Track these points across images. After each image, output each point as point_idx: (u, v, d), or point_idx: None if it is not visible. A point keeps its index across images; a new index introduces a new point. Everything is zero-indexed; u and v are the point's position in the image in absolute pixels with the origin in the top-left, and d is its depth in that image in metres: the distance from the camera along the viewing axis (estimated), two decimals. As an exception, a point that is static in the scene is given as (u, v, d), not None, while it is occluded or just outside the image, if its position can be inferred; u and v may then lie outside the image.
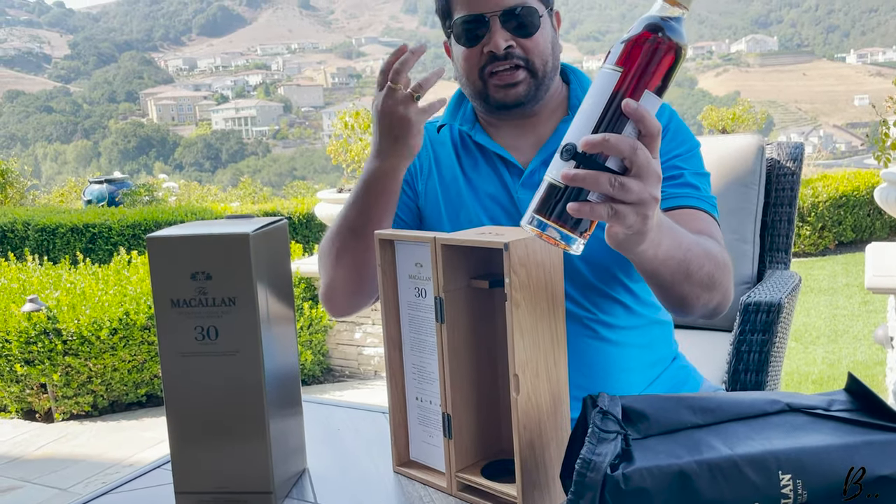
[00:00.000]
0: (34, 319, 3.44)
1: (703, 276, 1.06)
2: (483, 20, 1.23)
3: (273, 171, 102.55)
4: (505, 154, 1.30)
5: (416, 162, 1.38)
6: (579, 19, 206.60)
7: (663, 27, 0.79)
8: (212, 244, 1.05)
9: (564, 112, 1.33)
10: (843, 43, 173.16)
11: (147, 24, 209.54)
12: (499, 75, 1.24)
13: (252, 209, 7.23)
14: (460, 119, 1.36)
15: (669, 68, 0.80)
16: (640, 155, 0.77)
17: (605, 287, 1.27)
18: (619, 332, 1.28)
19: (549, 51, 1.27)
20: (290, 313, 1.17)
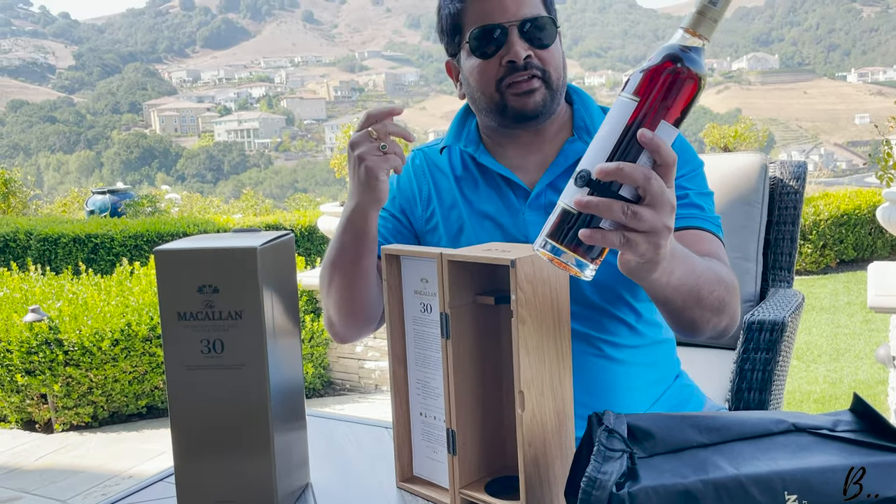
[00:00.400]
0: (36, 329, 3.44)
1: (713, 300, 1.06)
2: (501, 30, 1.23)
3: (275, 183, 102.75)
4: (511, 176, 1.30)
5: (415, 189, 1.38)
6: (581, 35, 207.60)
7: (682, 58, 0.79)
8: (219, 258, 1.05)
9: (569, 132, 1.32)
10: (843, 62, 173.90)
11: (151, 35, 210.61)
12: (517, 85, 1.23)
13: (254, 221, 7.24)
14: (464, 140, 1.35)
15: (687, 99, 0.80)
16: (654, 184, 0.77)
17: (609, 307, 1.27)
18: (623, 351, 1.28)
19: (561, 64, 1.28)
20: (296, 327, 1.18)
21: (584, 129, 1.30)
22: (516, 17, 1.23)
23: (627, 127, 0.79)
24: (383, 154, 1.15)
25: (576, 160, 1.27)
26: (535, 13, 1.24)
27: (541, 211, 1.27)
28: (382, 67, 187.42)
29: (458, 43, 1.30)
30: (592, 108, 1.35)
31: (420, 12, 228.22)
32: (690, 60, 0.80)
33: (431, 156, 1.40)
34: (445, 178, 1.36)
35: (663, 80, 0.79)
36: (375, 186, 1.16)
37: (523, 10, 1.23)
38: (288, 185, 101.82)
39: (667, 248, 0.84)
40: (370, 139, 1.16)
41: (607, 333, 1.27)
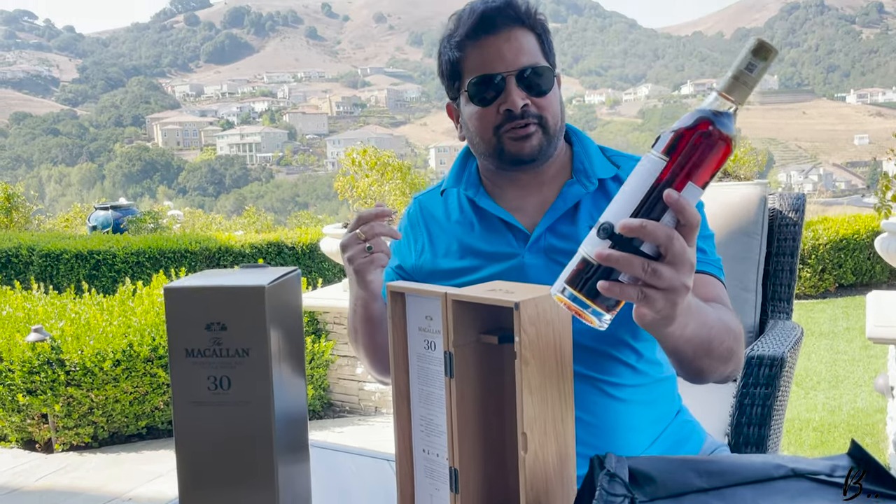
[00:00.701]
0: (38, 349, 3.45)
1: (722, 350, 1.08)
2: (500, 79, 1.26)
3: (276, 197, 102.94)
4: (510, 219, 1.32)
5: (410, 241, 1.43)
6: (582, 54, 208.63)
7: (714, 121, 0.81)
8: (228, 296, 1.07)
9: (568, 175, 1.35)
10: (843, 83, 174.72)
11: (156, 50, 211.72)
12: (513, 130, 1.26)
13: (256, 239, 7.26)
14: (464, 183, 1.39)
15: (717, 163, 0.82)
16: (675, 244, 0.79)
17: (610, 349, 1.29)
18: (624, 391, 1.30)
19: (559, 110, 1.31)
20: (301, 363, 1.19)
21: (582, 172, 1.33)
22: (514, 66, 1.26)
23: (654, 185, 0.80)
24: (370, 255, 1.25)
25: (574, 203, 1.30)
26: (533, 62, 1.27)
27: (540, 254, 1.29)
28: (384, 83, 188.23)
29: (457, 88, 1.33)
30: (591, 151, 1.37)
31: (422, 30, 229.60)
32: (722, 124, 0.81)
33: (427, 204, 1.44)
34: (440, 226, 1.40)
35: (694, 142, 0.80)
36: (366, 285, 1.28)
37: (521, 60, 1.26)
38: (289, 199, 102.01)
39: (683, 305, 0.86)
40: (358, 241, 1.25)
41: (608, 374, 1.29)
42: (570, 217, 1.30)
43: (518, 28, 1.27)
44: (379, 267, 1.28)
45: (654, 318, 0.86)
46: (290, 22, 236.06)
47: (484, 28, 1.27)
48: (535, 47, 1.28)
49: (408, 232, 1.45)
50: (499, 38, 1.26)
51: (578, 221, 1.29)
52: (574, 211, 1.30)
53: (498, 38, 1.26)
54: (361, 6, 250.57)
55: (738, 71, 0.82)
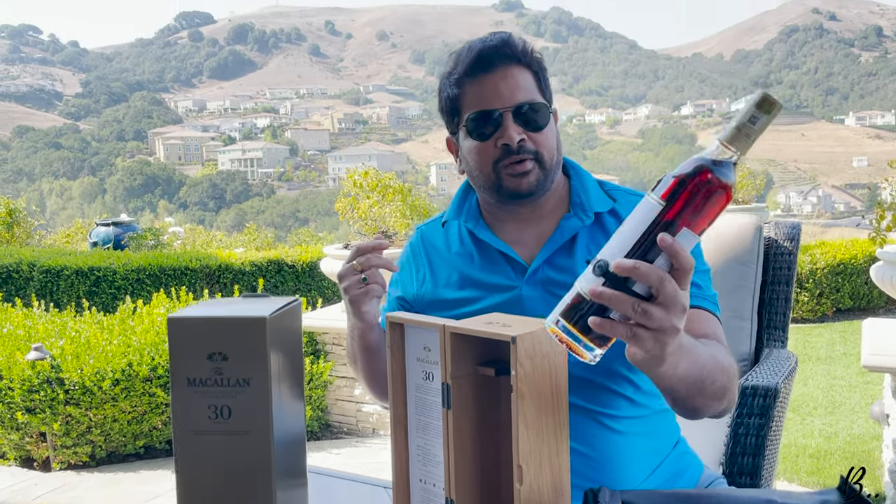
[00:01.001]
0: (38, 368, 3.46)
1: (716, 389, 1.10)
2: (497, 115, 1.29)
3: (276, 213, 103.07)
4: (509, 251, 1.35)
5: (412, 270, 1.47)
6: (582, 74, 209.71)
7: (713, 170, 0.82)
8: (230, 326, 1.10)
9: (566, 209, 1.38)
10: (842, 105, 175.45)
11: (159, 65, 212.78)
12: (511, 166, 1.30)
13: (256, 256, 7.28)
14: (465, 215, 1.42)
15: (714, 211, 0.84)
16: (667, 287, 0.81)
17: (608, 382, 1.31)
18: (621, 422, 1.31)
19: (555, 145, 1.34)
20: (300, 392, 1.22)
21: (579, 206, 1.36)
22: (510, 102, 1.30)
23: (651, 228, 0.83)
24: (364, 286, 1.30)
25: (571, 236, 1.34)
26: (529, 98, 1.31)
27: (538, 286, 1.32)
28: (386, 101, 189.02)
29: (456, 123, 1.37)
30: (589, 185, 1.41)
31: (424, 48, 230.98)
32: (721, 174, 0.83)
33: (429, 235, 1.48)
34: (440, 257, 1.44)
35: (693, 189, 0.82)
36: (361, 316, 1.34)
37: (517, 96, 1.30)
38: (289, 215, 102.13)
39: (673, 346, 0.88)
40: (354, 272, 1.31)
41: (606, 406, 1.31)
42: (567, 250, 1.33)
43: (514, 66, 1.31)
44: (374, 298, 1.33)
45: (644, 357, 0.89)
46: (294, 39, 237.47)
47: (481, 66, 1.31)
48: (531, 84, 1.32)
49: (410, 262, 1.48)
50: (496, 75, 1.30)
51: (575, 254, 1.32)
52: (571, 244, 1.33)
53: (495, 76, 1.30)
54: (364, 24, 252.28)
55: (741, 122, 0.84)
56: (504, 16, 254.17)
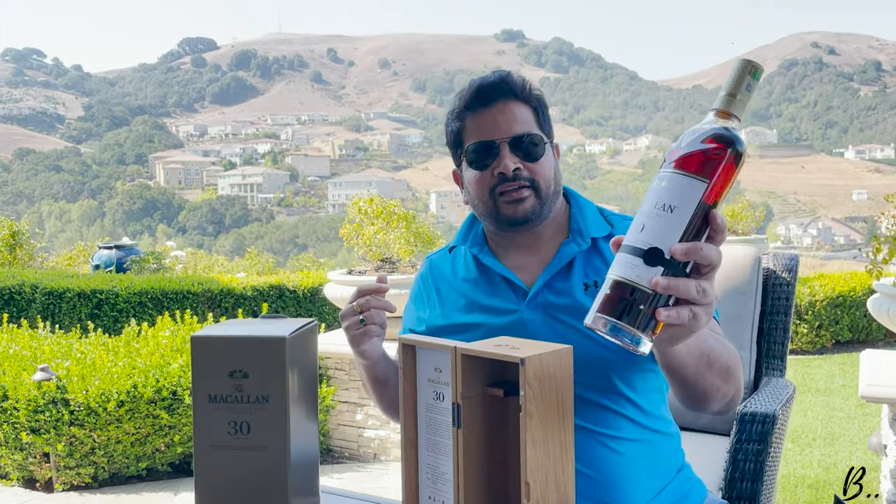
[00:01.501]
0: (44, 388, 3.49)
1: (721, 365, 1.14)
2: (494, 146, 1.38)
3: (275, 238, 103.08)
4: (511, 276, 1.42)
5: (423, 297, 1.55)
6: (583, 105, 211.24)
7: (735, 140, 0.86)
8: (251, 345, 1.14)
9: (565, 234, 1.45)
10: (841, 138, 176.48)
11: (161, 90, 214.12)
12: (508, 193, 1.38)
13: (258, 281, 7.32)
14: (470, 241, 1.50)
15: (735, 177, 0.87)
16: (718, 260, 0.85)
17: (610, 403, 1.35)
18: (625, 445, 1.36)
19: (552, 175, 1.42)
20: (315, 411, 1.26)
21: (577, 232, 1.44)
22: (507, 133, 1.38)
23: (699, 206, 0.84)
24: (363, 327, 1.38)
25: (569, 260, 1.41)
26: (526, 130, 1.39)
27: (539, 310, 1.39)
28: (387, 128, 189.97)
29: (460, 155, 1.46)
30: (588, 212, 1.48)
31: (426, 76, 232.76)
32: (741, 142, 0.87)
33: (437, 263, 1.57)
34: (447, 283, 1.51)
35: (725, 162, 0.85)
36: (360, 354, 1.42)
37: (514, 128, 1.38)
38: (288, 241, 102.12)
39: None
40: (353, 313, 1.39)
41: (610, 428, 1.35)
42: (565, 273, 1.40)
43: (512, 101, 1.40)
44: (373, 338, 1.41)
45: (690, 334, 0.90)
46: (296, 66, 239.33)
47: (481, 101, 1.41)
48: (529, 118, 1.41)
49: (421, 291, 1.57)
50: (494, 109, 1.40)
51: (572, 277, 1.39)
52: (569, 268, 1.40)
53: (493, 109, 1.40)
54: (367, 52, 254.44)
55: (735, 91, 0.89)
56: (505, 45, 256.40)
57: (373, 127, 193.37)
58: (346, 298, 4.09)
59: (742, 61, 0.91)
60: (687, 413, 2.32)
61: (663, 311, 0.84)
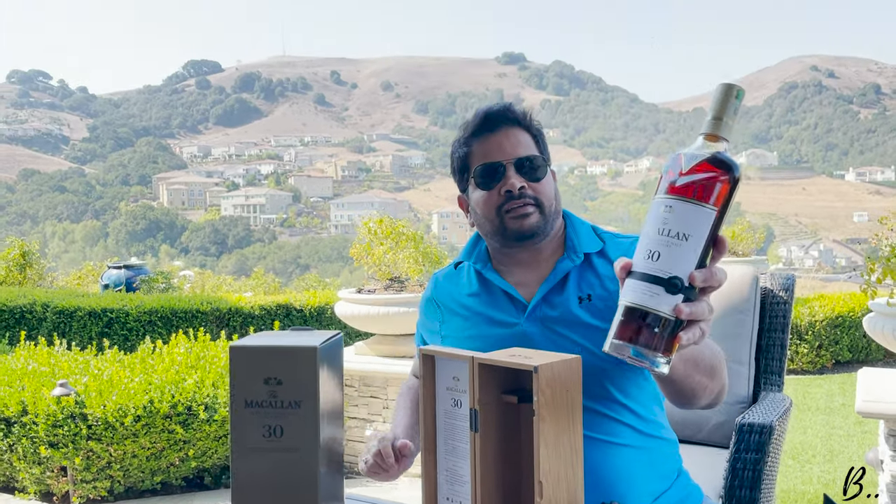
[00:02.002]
0: (63, 403, 3.58)
1: (706, 364, 1.26)
2: (500, 167, 1.50)
3: (278, 259, 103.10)
4: (512, 291, 1.53)
5: (431, 313, 1.67)
6: (584, 127, 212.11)
7: (733, 167, 0.92)
8: (285, 354, 1.24)
9: (562, 252, 1.56)
10: (842, 161, 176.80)
11: (166, 112, 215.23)
12: (514, 210, 1.49)
13: (265, 300, 7.42)
14: (475, 257, 1.61)
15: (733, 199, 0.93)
16: (723, 279, 0.94)
17: (610, 412, 1.46)
18: (625, 450, 1.45)
19: (553, 195, 1.54)
20: (341, 416, 1.36)
21: (571, 248, 1.54)
22: (512, 155, 1.51)
23: (710, 233, 0.90)
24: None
25: (564, 275, 1.51)
26: (529, 153, 1.52)
27: (537, 322, 1.50)
28: (390, 149, 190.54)
29: (466, 179, 1.57)
30: (581, 230, 1.58)
31: (428, 98, 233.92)
32: (737, 167, 0.92)
33: (444, 280, 1.67)
34: (453, 298, 1.62)
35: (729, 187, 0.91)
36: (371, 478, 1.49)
37: (518, 151, 1.51)
38: (291, 261, 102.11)
39: None
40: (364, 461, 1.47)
41: (610, 434, 1.45)
42: (560, 287, 1.50)
43: (515, 128, 1.53)
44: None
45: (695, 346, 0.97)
46: (300, 88, 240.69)
47: (487, 127, 1.53)
48: (530, 143, 1.53)
49: (429, 308, 1.68)
50: (499, 134, 1.52)
51: (566, 291, 1.50)
52: (563, 282, 1.51)
53: (498, 135, 1.52)
54: (369, 75, 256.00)
55: (722, 114, 0.95)
56: (507, 68, 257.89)
57: (375, 148, 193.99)
58: (356, 316, 4.13)
59: (724, 85, 0.96)
60: (688, 426, 2.41)
61: (684, 335, 0.91)
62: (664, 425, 1.55)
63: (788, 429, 4.96)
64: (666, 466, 1.53)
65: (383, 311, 4.00)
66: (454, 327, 1.58)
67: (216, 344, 4.52)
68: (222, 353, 4.24)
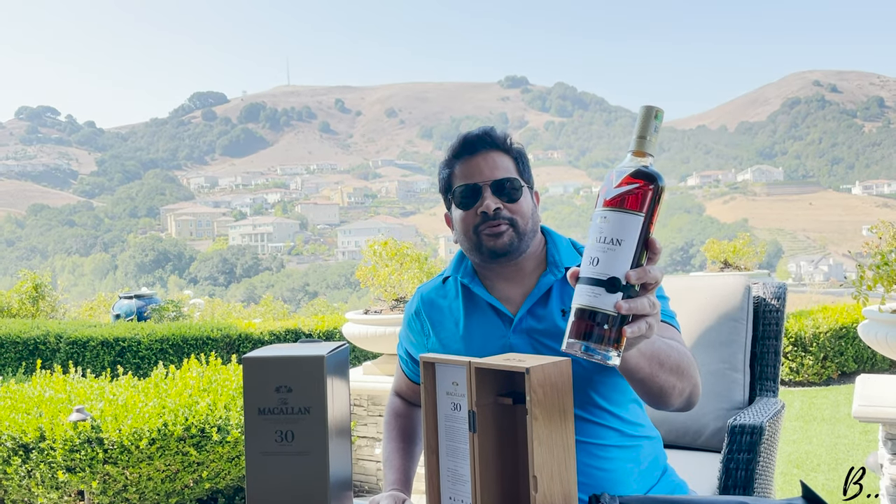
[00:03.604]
0: (80, 428, 3.67)
1: (671, 363, 1.35)
2: (478, 188, 1.59)
3: (286, 287, 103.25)
4: (497, 305, 1.62)
5: (417, 328, 1.75)
6: (588, 147, 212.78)
7: (656, 177, 1.05)
8: (295, 363, 1.33)
9: (544, 267, 1.65)
10: (848, 174, 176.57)
11: (173, 143, 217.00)
12: (489, 228, 1.58)
13: (275, 326, 7.52)
14: (462, 272, 1.70)
15: (659, 207, 1.06)
16: (660, 277, 1.05)
17: (595, 418, 1.54)
18: (611, 451, 1.54)
19: (529, 215, 1.61)
20: (348, 421, 1.44)
21: (553, 264, 1.63)
22: (489, 178, 1.59)
23: (640, 236, 1.03)
24: None
25: (547, 290, 1.60)
26: (506, 175, 1.60)
27: (523, 335, 1.58)
28: (395, 175, 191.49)
29: (449, 199, 1.67)
30: (561, 246, 1.68)
31: (432, 124, 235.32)
32: (661, 178, 1.06)
33: (428, 294, 1.75)
34: (439, 312, 1.70)
35: (654, 196, 1.04)
36: None
37: (496, 173, 1.59)
38: (299, 289, 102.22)
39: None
40: None
41: (597, 438, 1.53)
42: (544, 301, 1.59)
43: (494, 151, 1.62)
44: None
45: (646, 338, 1.09)
46: (304, 117, 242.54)
47: (466, 150, 1.62)
48: (509, 166, 1.62)
49: (413, 322, 1.76)
50: (479, 157, 1.61)
51: (550, 304, 1.58)
52: (547, 296, 1.59)
53: (478, 157, 1.61)
54: (374, 102, 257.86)
55: (646, 133, 1.07)
56: (510, 92, 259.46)
57: (381, 174, 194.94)
58: (364, 336, 4.22)
59: (646, 107, 1.09)
60: (688, 433, 2.48)
61: (628, 328, 1.03)
62: (646, 425, 1.63)
63: (794, 439, 5.01)
64: (651, 465, 1.61)
65: (390, 330, 4.08)
66: (443, 340, 1.66)
67: (227, 367, 4.61)
68: (234, 376, 4.33)
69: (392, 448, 1.73)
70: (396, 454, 1.71)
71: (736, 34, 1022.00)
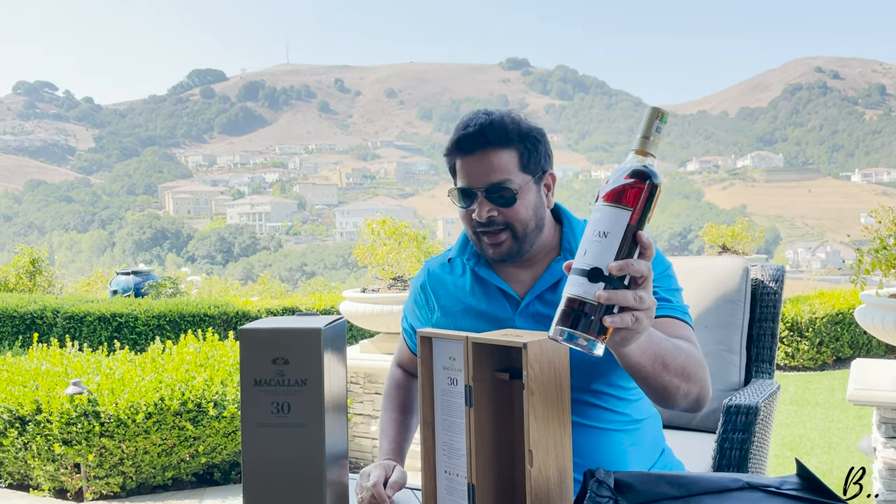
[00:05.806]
0: (76, 401, 3.68)
1: (677, 366, 1.31)
2: (472, 193, 1.52)
3: (284, 266, 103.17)
4: (505, 287, 1.58)
5: (422, 301, 1.71)
6: (588, 131, 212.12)
7: (651, 175, 1.06)
8: (291, 335, 1.32)
9: (557, 253, 1.60)
10: (847, 162, 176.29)
11: (171, 121, 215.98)
12: (487, 236, 1.53)
13: (272, 304, 7.52)
14: (468, 254, 1.65)
15: (654, 205, 1.07)
16: (650, 273, 1.04)
17: (594, 400, 1.53)
18: (611, 434, 1.53)
19: (531, 216, 1.53)
20: (344, 393, 1.44)
21: (568, 250, 1.58)
22: (482, 183, 1.50)
23: (627, 230, 1.04)
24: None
25: (560, 277, 1.54)
26: (501, 178, 1.49)
27: (529, 319, 1.55)
28: (394, 156, 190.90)
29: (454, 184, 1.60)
30: (578, 230, 1.61)
31: (431, 105, 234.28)
32: (657, 177, 1.07)
33: (436, 270, 1.71)
34: (445, 289, 1.67)
35: (645, 193, 1.05)
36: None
37: (490, 177, 1.49)
38: (296, 268, 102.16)
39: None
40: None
41: (595, 420, 1.52)
42: (554, 288, 1.55)
43: (491, 150, 1.50)
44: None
45: (636, 335, 1.08)
46: (304, 96, 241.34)
47: (461, 149, 1.52)
48: (508, 163, 1.50)
49: (420, 296, 1.73)
50: (473, 157, 1.51)
51: (560, 290, 1.55)
52: (559, 282, 1.55)
53: (473, 158, 1.51)
54: (373, 82, 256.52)
55: (649, 133, 1.08)
56: (510, 74, 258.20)
57: (379, 155, 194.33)
58: (361, 315, 4.22)
59: (652, 108, 1.10)
60: (683, 413, 2.49)
61: (608, 318, 1.03)
62: (647, 407, 1.63)
63: (788, 423, 5.03)
64: (651, 446, 1.61)
65: (387, 309, 4.08)
66: (447, 319, 1.63)
67: (224, 344, 4.62)
68: (230, 352, 4.34)
69: (389, 418, 1.72)
70: (392, 424, 1.70)
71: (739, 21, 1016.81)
